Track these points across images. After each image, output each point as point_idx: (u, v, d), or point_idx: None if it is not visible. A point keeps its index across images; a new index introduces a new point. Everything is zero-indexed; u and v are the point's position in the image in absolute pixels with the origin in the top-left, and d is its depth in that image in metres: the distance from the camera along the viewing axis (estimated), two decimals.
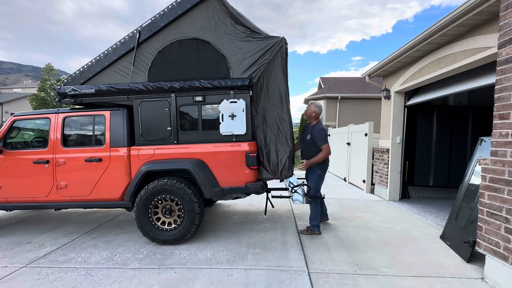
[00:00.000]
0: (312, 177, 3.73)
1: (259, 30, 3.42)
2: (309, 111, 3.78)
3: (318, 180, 3.71)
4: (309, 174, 3.79)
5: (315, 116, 3.77)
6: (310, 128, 3.75)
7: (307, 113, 3.82)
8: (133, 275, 2.68)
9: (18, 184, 3.54)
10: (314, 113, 3.75)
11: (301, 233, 3.72)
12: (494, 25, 3.26)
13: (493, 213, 2.46)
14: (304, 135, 3.83)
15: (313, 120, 3.78)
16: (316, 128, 3.67)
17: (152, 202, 3.30)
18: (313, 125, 3.74)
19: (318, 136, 3.60)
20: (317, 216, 3.72)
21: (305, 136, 3.80)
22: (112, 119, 3.48)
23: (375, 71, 6.08)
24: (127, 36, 3.46)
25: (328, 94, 16.18)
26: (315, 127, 3.70)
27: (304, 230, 3.77)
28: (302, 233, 3.72)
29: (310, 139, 3.66)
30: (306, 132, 3.80)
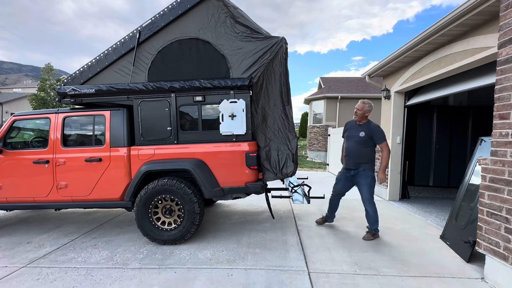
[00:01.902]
0: (365, 181, 3.47)
1: (260, 29, 3.42)
2: (362, 111, 3.51)
3: (374, 183, 3.49)
4: (358, 177, 3.52)
5: (367, 115, 3.56)
6: (364, 126, 3.51)
7: (359, 113, 3.52)
8: (133, 275, 2.68)
9: (18, 184, 3.54)
10: (368, 113, 3.52)
11: (365, 239, 3.50)
12: (494, 25, 3.26)
13: (493, 213, 2.46)
14: (352, 133, 3.56)
15: (365, 119, 3.57)
16: (374, 124, 3.50)
17: (152, 202, 3.30)
18: (366, 122, 3.54)
19: (379, 132, 3.43)
20: (377, 218, 3.52)
21: (354, 135, 3.54)
22: (112, 119, 3.48)
23: (375, 71, 6.08)
24: (127, 36, 3.47)
25: (328, 94, 16.18)
26: (371, 124, 3.50)
27: (368, 235, 3.54)
28: (366, 238, 3.50)
29: (366, 137, 3.43)
30: (356, 130, 3.54)
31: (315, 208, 5.00)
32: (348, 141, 3.61)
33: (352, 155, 3.54)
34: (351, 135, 3.59)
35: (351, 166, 3.56)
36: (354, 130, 3.56)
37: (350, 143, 3.57)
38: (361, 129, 3.49)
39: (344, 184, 3.69)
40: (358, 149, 3.49)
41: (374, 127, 3.47)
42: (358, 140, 3.49)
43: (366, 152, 3.47)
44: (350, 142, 3.58)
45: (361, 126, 3.53)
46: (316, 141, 16.77)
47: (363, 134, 3.45)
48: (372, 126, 3.49)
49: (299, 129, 27.64)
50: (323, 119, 16.51)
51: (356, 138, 3.51)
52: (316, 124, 16.97)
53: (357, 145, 3.49)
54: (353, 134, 3.55)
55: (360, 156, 3.48)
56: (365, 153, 3.47)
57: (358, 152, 3.49)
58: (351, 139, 3.57)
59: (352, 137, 3.56)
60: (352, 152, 3.54)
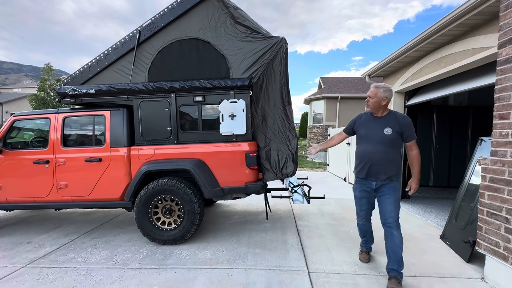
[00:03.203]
0: (393, 195, 2.53)
1: (260, 29, 3.42)
2: (376, 99, 2.54)
3: (399, 197, 2.58)
4: (384, 190, 2.57)
5: (386, 104, 2.56)
6: (388, 119, 2.56)
7: (372, 102, 2.58)
8: (133, 275, 2.68)
9: (18, 184, 3.54)
10: (386, 101, 2.53)
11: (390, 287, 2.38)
12: (494, 25, 3.26)
13: (493, 213, 2.46)
14: (372, 130, 2.59)
15: (384, 110, 2.60)
16: (401, 116, 2.58)
17: (152, 202, 3.30)
18: (388, 114, 2.60)
19: (411, 127, 2.51)
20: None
21: (375, 133, 2.57)
22: (112, 119, 3.48)
23: (375, 71, 6.08)
24: (127, 36, 3.47)
25: (328, 94, 16.19)
26: (397, 115, 2.57)
27: (393, 284, 2.37)
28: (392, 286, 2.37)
29: (394, 134, 2.49)
30: (377, 126, 2.57)
31: (315, 208, 5.00)
32: (367, 142, 2.63)
33: (375, 161, 2.55)
34: (370, 134, 2.61)
35: (373, 177, 2.58)
36: (375, 126, 2.59)
37: (371, 145, 2.58)
38: (385, 124, 2.53)
39: (369, 201, 2.76)
40: (384, 153, 2.52)
41: (405, 121, 2.52)
42: (383, 140, 2.52)
43: (394, 156, 2.55)
44: (370, 143, 2.59)
45: (384, 120, 2.57)
46: (316, 141, 16.77)
47: (389, 132, 2.49)
48: (401, 119, 2.53)
49: (299, 129, 27.64)
50: (323, 119, 16.52)
51: (380, 137, 2.53)
52: (316, 124, 16.97)
53: (383, 147, 2.52)
54: (374, 132, 2.58)
55: (387, 162, 2.52)
56: (393, 157, 2.54)
57: (384, 156, 2.52)
58: (371, 138, 2.59)
59: (373, 136, 2.58)
60: (376, 158, 2.54)
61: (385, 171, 2.54)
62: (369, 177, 2.62)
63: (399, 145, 2.58)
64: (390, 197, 2.53)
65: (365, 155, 2.63)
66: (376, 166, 2.56)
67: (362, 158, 2.66)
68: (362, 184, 2.74)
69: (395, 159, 2.57)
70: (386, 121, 2.57)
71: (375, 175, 2.58)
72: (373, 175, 2.60)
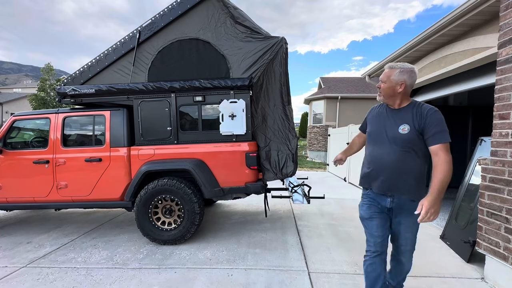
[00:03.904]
0: (412, 220, 1.83)
1: (260, 29, 3.42)
2: (389, 83, 1.82)
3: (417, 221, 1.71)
4: (401, 213, 1.88)
5: (404, 91, 1.82)
6: (407, 112, 1.81)
7: (385, 88, 1.85)
8: (133, 275, 2.68)
9: (18, 184, 3.54)
10: (403, 86, 1.80)
11: None
12: (494, 25, 3.26)
13: (493, 213, 2.46)
14: (384, 128, 1.88)
15: (402, 99, 1.85)
16: (429, 108, 1.77)
17: (152, 202, 3.30)
18: (408, 105, 1.84)
19: (439, 125, 1.72)
20: None
21: (386, 132, 1.86)
22: (112, 119, 3.48)
23: (375, 71, 6.09)
24: (127, 36, 3.47)
25: (328, 94, 16.19)
26: (423, 108, 1.77)
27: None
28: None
29: (413, 133, 1.75)
30: (390, 122, 1.86)
31: (315, 208, 5.00)
32: (374, 143, 1.94)
33: (385, 171, 1.85)
34: (379, 131, 1.90)
35: (386, 191, 1.87)
36: (387, 122, 1.88)
37: (379, 147, 1.89)
38: (401, 119, 1.81)
39: (383, 223, 1.92)
40: (396, 160, 1.81)
41: (431, 115, 1.74)
42: (395, 140, 1.81)
43: (414, 166, 1.80)
44: (379, 144, 1.90)
45: (401, 114, 1.84)
46: (316, 141, 16.77)
47: (406, 130, 1.77)
48: (426, 112, 1.75)
49: (299, 129, 27.65)
50: (323, 119, 16.52)
51: (392, 137, 1.83)
52: (316, 124, 16.98)
53: (395, 152, 1.81)
54: (385, 129, 1.87)
55: (402, 173, 1.81)
56: (410, 167, 1.80)
57: (398, 165, 1.81)
58: (380, 138, 1.89)
59: (383, 135, 1.87)
60: (386, 166, 1.84)
61: (401, 187, 1.80)
62: (381, 192, 1.89)
63: (421, 148, 1.77)
64: (408, 226, 1.89)
65: (372, 161, 1.91)
66: (387, 179, 1.83)
67: (368, 165, 1.98)
68: (370, 199, 1.97)
69: (414, 170, 1.78)
70: (403, 114, 1.80)
71: (388, 190, 1.85)
72: (385, 190, 1.86)
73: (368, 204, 1.99)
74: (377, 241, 1.92)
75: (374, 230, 1.93)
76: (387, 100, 1.89)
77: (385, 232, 1.93)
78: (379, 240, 1.91)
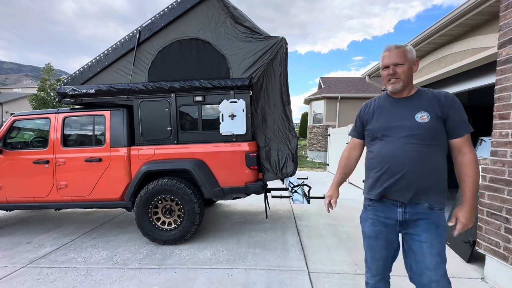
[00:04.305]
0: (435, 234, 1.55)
1: (260, 30, 3.42)
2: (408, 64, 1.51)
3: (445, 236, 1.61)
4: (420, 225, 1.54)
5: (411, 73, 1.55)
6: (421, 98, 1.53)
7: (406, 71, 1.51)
8: (133, 275, 2.68)
9: (18, 184, 3.54)
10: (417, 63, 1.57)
11: None
12: (494, 25, 3.26)
13: (493, 213, 2.46)
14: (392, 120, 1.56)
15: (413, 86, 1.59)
16: (442, 92, 1.53)
17: (152, 202, 3.30)
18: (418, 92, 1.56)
19: (461, 110, 1.52)
20: None
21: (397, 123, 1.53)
22: (112, 119, 3.48)
23: (375, 71, 6.09)
24: (127, 36, 3.47)
25: (328, 94, 16.19)
26: (435, 93, 1.53)
27: None
28: None
29: (433, 121, 1.46)
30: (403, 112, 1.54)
31: (315, 208, 5.00)
32: (386, 140, 1.56)
33: (403, 170, 1.48)
34: (392, 125, 1.54)
35: (399, 199, 1.52)
36: (399, 112, 1.55)
37: (393, 144, 1.53)
38: (416, 107, 1.51)
39: (389, 243, 1.61)
40: (418, 156, 1.47)
41: (450, 100, 1.49)
42: (414, 132, 1.48)
43: (436, 162, 1.51)
44: (393, 140, 1.53)
45: (413, 101, 1.54)
46: (316, 141, 16.77)
47: (426, 118, 1.47)
48: (442, 97, 1.49)
49: (299, 129, 27.65)
50: (323, 119, 16.52)
51: (410, 128, 1.49)
52: (316, 124, 16.97)
53: (415, 146, 1.47)
54: (399, 121, 1.53)
55: (425, 172, 1.48)
56: (433, 163, 1.50)
57: (419, 162, 1.48)
58: (395, 132, 1.53)
59: (398, 129, 1.52)
60: (404, 164, 1.48)
61: (421, 189, 1.45)
62: (392, 199, 1.53)
63: (443, 141, 1.51)
64: (431, 238, 1.49)
65: (384, 160, 1.52)
66: (405, 179, 1.46)
67: (378, 167, 1.54)
68: (377, 212, 1.59)
69: (437, 167, 1.49)
70: (415, 102, 1.51)
71: (401, 196, 1.48)
72: (398, 196, 1.49)
73: (374, 219, 1.61)
74: (380, 264, 1.63)
75: (378, 251, 1.61)
76: (405, 85, 1.53)
77: (390, 252, 1.63)
78: (382, 262, 1.62)
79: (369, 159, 1.65)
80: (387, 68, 1.54)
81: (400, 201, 1.52)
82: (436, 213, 1.52)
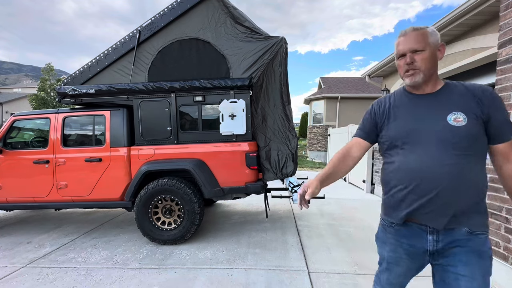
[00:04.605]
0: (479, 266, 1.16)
1: (260, 30, 3.42)
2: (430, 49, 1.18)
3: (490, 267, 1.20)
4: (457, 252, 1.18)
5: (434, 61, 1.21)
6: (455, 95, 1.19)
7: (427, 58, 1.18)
8: (133, 275, 2.68)
9: (18, 184, 3.54)
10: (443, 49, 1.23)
11: None
12: (494, 25, 3.26)
13: (493, 213, 2.46)
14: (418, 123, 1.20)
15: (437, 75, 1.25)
16: (477, 86, 1.19)
17: (152, 202, 3.30)
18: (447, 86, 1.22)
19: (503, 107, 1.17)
20: None
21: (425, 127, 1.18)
22: (112, 119, 3.48)
23: (375, 71, 6.09)
24: (127, 36, 3.47)
25: (328, 94, 16.19)
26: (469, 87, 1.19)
27: None
28: None
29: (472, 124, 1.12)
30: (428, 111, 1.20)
31: (315, 208, 5.00)
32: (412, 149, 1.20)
33: (437, 187, 1.13)
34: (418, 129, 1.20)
35: (431, 223, 1.19)
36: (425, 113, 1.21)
37: (424, 155, 1.17)
38: (448, 106, 1.17)
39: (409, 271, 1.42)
40: (458, 169, 1.12)
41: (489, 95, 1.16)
42: (448, 137, 1.13)
43: (479, 176, 1.21)
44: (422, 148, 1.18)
45: (442, 97, 1.21)
46: (316, 141, 16.77)
47: (462, 120, 1.13)
48: (478, 91, 1.17)
49: (299, 129, 27.65)
50: (323, 119, 16.52)
51: (441, 132, 1.15)
52: (316, 124, 16.98)
53: (451, 156, 1.13)
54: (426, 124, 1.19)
55: (464, 188, 1.14)
56: (473, 177, 1.17)
57: (457, 176, 1.13)
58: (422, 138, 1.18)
59: (426, 134, 1.18)
60: (442, 179, 1.13)
61: (460, 212, 1.14)
62: (419, 224, 1.22)
63: (483, 149, 1.20)
64: (472, 271, 1.15)
65: (410, 176, 1.19)
66: (439, 200, 1.14)
67: (401, 184, 1.22)
68: (399, 237, 1.30)
69: (478, 183, 1.19)
70: (446, 98, 1.19)
71: (433, 221, 1.17)
72: (428, 221, 1.18)
73: (395, 245, 1.32)
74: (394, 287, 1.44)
75: (396, 277, 1.40)
76: (429, 78, 1.21)
77: (409, 279, 1.43)
78: (398, 286, 1.45)
79: (388, 173, 1.29)
80: (403, 56, 1.23)
81: (431, 226, 1.19)
82: (479, 239, 1.16)
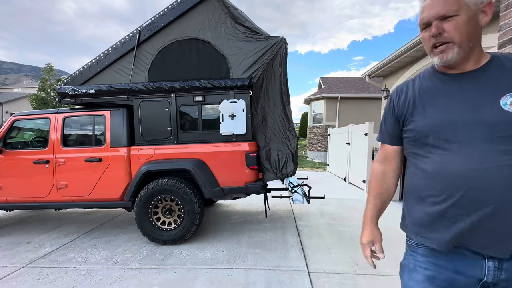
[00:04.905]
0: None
1: (260, 30, 3.42)
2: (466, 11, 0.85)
3: None
4: None
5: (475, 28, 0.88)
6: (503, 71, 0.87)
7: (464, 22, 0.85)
8: (133, 275, 2.68)
9: (18, 184, 3.54)
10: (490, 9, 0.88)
11: None
12: (494, 25, 3.26)
13: None
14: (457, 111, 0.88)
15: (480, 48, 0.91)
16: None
17: (152, 202, 3.30)
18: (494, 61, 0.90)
19: None
20: None
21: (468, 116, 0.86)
22: (112, 119, 3.48)
23: (375, 71, 6.09)
24: (127, 36, 3.47)
25: (328, 94, 16.19)
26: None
27: None
28: None
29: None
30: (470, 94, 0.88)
31: (315, 208, 5.00)
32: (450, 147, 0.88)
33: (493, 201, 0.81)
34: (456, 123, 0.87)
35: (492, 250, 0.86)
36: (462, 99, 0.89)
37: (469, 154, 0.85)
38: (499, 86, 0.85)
39: None
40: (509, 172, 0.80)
41: None
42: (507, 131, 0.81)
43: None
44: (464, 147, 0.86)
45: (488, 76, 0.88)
46: (316, 141, 16.77)
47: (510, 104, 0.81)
48: None
49: (299, 129, 27.66)
50: (323, 119, 16.51)
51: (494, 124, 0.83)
52: (316, 124, 16.97)
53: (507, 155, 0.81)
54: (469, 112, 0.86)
55: None
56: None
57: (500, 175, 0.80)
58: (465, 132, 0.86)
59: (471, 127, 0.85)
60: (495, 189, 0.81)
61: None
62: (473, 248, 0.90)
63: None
64: None
65: (452, 184, 0.88)
66: (499, 216, 0.83)
67: (439, 194, 0.92)
68: (439, 261, 0.99)
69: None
70: (496, 76, 0.89)
71: (493, 247, 0.87)
72: (485, 246, 0.88)
73: (433, 273, 1.00)
74: None
75: None
76: (470, 52, 0.90)
77: None
78: None
79: (419, 179, 0.99)
80: (429, 26, 0.92)
81: (490, 251, 0.88)
82: None
